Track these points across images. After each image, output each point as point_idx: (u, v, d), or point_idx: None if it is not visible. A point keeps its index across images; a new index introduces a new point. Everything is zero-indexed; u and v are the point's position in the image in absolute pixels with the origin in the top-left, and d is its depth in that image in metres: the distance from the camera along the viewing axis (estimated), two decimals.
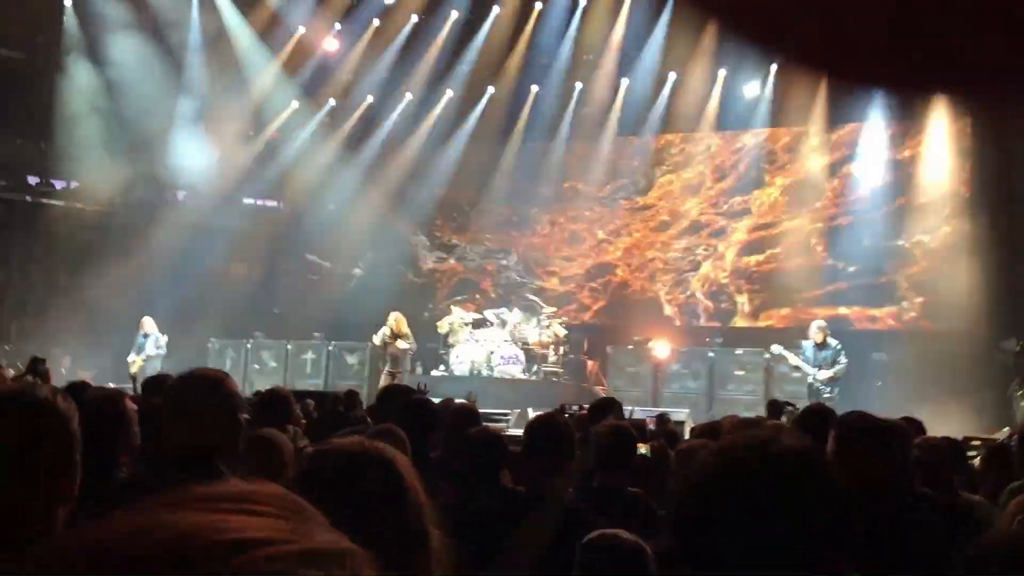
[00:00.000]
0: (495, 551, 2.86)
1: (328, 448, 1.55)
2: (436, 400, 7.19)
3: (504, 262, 18.91)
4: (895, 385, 13.08)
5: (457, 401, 6.69)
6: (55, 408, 1.75)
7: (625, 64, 17.30)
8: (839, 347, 11.74)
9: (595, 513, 3.05)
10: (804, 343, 11.96)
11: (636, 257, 17.79)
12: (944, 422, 8.88)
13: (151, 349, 14.25)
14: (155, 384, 5.62)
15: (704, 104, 16.95)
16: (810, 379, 11.71)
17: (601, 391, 14.03)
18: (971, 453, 6.37)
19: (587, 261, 18.18)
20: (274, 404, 5.11)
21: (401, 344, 13.80)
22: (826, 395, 11.33)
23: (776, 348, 12.57)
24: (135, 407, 3.26)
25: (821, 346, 11.68)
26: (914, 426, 4.86)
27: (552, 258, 18.54)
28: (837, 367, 11.56)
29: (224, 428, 2.63)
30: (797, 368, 12.08)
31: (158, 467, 2.75)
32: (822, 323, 12.12)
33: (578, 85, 17.92)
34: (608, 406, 5.98)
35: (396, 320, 13.86)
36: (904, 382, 12.85)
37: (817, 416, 4.09)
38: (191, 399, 2.67)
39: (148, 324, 14.48)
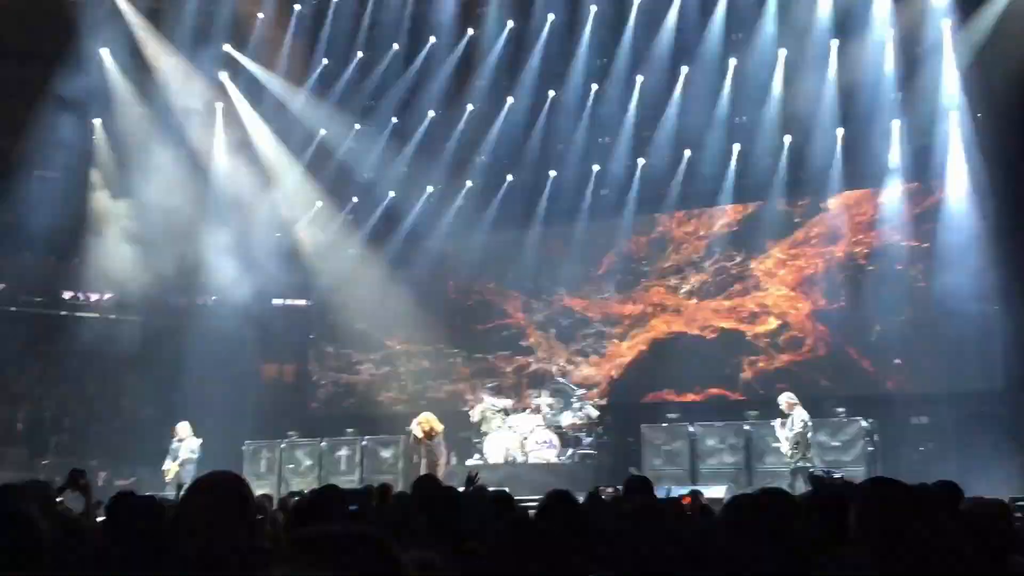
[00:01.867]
0: None
1: (323, 531, 1.56)
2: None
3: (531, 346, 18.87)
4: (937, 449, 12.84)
5: (491, 489, 6.65)
6: (32, 523, 1.85)
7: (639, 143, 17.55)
8: (796, 415, 12.06)
9: None
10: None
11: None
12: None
13: (185, 454, 14.25)
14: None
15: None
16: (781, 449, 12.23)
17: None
18: (1019, 515, 6.22)
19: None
20: (329, 502, 5.01)
21: (433, 443, 13.76)
22: (799, 464, 11.77)
23: (775, 423, 12.61)
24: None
25: (785, 418, 12.12)
26: (949, 490, 4.75)
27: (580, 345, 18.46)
28: (793, 432, 11.95)
29: (233, 533, 2.63)
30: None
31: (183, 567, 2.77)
32: (789, 395, 12.42)
33: (595, 167, 18.13)
34: (640, 485, 5.92)
35: (426, 420, 13.79)
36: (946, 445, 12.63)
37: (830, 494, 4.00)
38: (202, 506, 2.69)
39: (182, 430, 14.51)
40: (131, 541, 3.21)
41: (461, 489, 6.20)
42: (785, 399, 12.33)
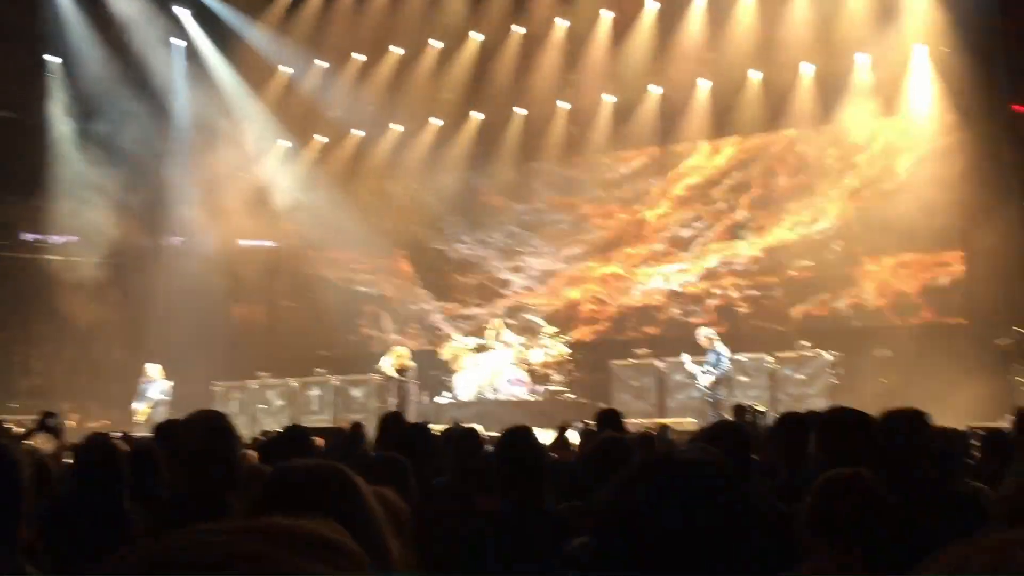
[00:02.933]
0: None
1: (288, 466, 1.60)
2: (440, 427, 7.25)
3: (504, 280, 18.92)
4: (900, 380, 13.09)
5: (463, 426, 6.72)
6: (7, 454, 1.85)
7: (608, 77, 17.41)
8: (719, 351, 12.38)
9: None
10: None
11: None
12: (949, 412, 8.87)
13: (156, 395, 14.26)
14: (166, 429, 5.63)
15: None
16: (698, 385, 12.41)
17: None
18: (975, 443, 6.39)
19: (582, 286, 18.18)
20: (295, 441, 5.06)
21: (408, 376, 13.88)
22: (710, 400, 12.21)
23: (684, 357, 12.90)
24: (126, 448, 3.32)
25: (706, 352, 12.40)
26: (917, 417, 4.87)
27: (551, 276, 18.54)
28: (719, 370, 12.29)
29: (224, 467, 2.68)
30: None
31: (161, 509, 2.81)
32: (707, 330, 12.80)
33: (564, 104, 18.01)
34: (610, 418, 6.03)
35: (398, 355, 13.89)
36: (907, 376, 12.89)
37: (794, 421, 4.12)
38: (189, 444, 2.74)
39: (151, 371, 14.51)
40: (98, 482, 3.23)
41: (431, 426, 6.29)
42: (705, 334, 12.65)
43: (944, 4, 14.47)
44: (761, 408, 9.73)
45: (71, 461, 4.34)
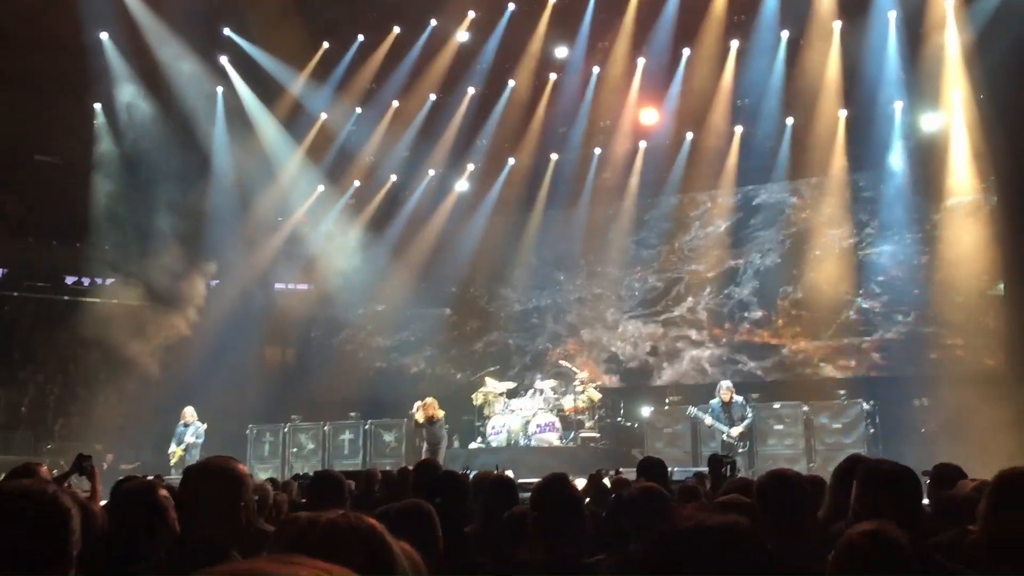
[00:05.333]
0: None
1: (314, 519, 1.59)
2: (472, 473, 7.20)
3: (536, 326, 18.93)
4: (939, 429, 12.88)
5: (495, 474, 6.66)
6: (56, 503, 1.88)
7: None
8: (744, 403, 12.70)
9: None
10: (712, 402, 12.79)
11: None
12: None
13: (190, 438, 14.35)
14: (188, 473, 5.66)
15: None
16: (724, 436, 12.49)
17: None
18: None
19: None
20: (327, 486, 5.06)
21: (435, 427, 13.84)
22: (740, 450, 12.29)
23: (691, 410, 13.17)
24: (168, 495, 3.33)
25: (728, 404, 12.57)
26: (951, 472, 4.81)
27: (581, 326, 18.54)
28: (745, 422, 12.57)
29: (228, 516, 2.69)
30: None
31: (177, 555, 2.81)
32: (728, 383, 13.03)
33: (597, 150, 18.15)
34: (651, 468, 5.95)
35: (427, 405, 13.86)
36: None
37: (848, 468, 4.06)
38: (197, 491, 2.75)
39: (188, 414, 14.62)
40: (133, 525, 3.25)
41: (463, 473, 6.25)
42: (727, 386, 12.78)
43: None
44: (736, 456, 10.01)
45: (105, 503, 4.38)
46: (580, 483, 7.50)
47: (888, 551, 2.09)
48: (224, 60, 18.13)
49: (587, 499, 6.38)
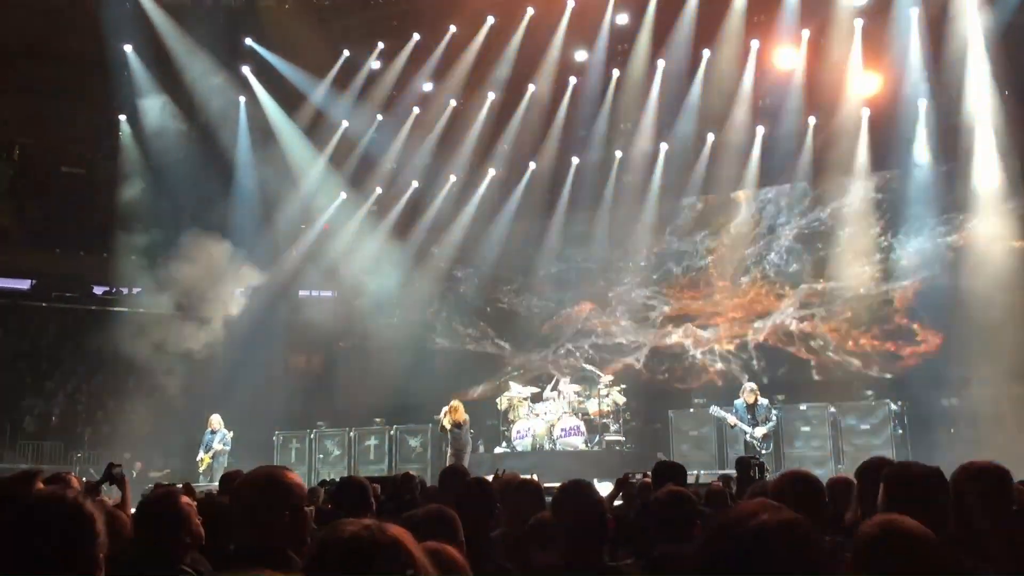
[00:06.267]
0: None
1: (338, 533, 1.57)
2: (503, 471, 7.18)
3: (559, 327, 18.92)
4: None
5: (522, 477, 6.65)
6: (79, 509, 1.96)
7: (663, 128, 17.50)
8: (769, 405, 12.53)
9: None
10: (736, 402, 12.59)
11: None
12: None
13: (218, 445, 14.45)
14: (228, 480, 5.71)
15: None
16: (747, 437, 12.33)
17: None
18: None
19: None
20: (352, 493, 5.06)
21: (461, 432, 13.81)
22: (763, 452, 12.04)
23: (715, 410, 12.94)
24: (190, 503, 3.36)
25: (752, 406, 12.40)
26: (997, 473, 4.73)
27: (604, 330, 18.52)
28: (769, 424, 12.38)
29: (285, 525, 2.69)
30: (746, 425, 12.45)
31: (224, 562, 2.82)
32: (753, 385, 12.80)
33: (618, 153, 18.13)
34: (670, 471, 5.90)
35: (452, 409, 13.84)
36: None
37: (869, 468, 4.05)
38: (251, 499, 2.75)
39: (215, 421, 14.70)
40: (157, 532, 3.28)
41: (489, 477, 6.25)
42: (751, 388, 12.61)
43: None
44: (762, 459, 9.79)
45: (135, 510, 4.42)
46: (607, 486, 7.49)
47: (902, 541, 2.08)
48: (246, 70, 18.28)
49: (617, 502, 6.37)
